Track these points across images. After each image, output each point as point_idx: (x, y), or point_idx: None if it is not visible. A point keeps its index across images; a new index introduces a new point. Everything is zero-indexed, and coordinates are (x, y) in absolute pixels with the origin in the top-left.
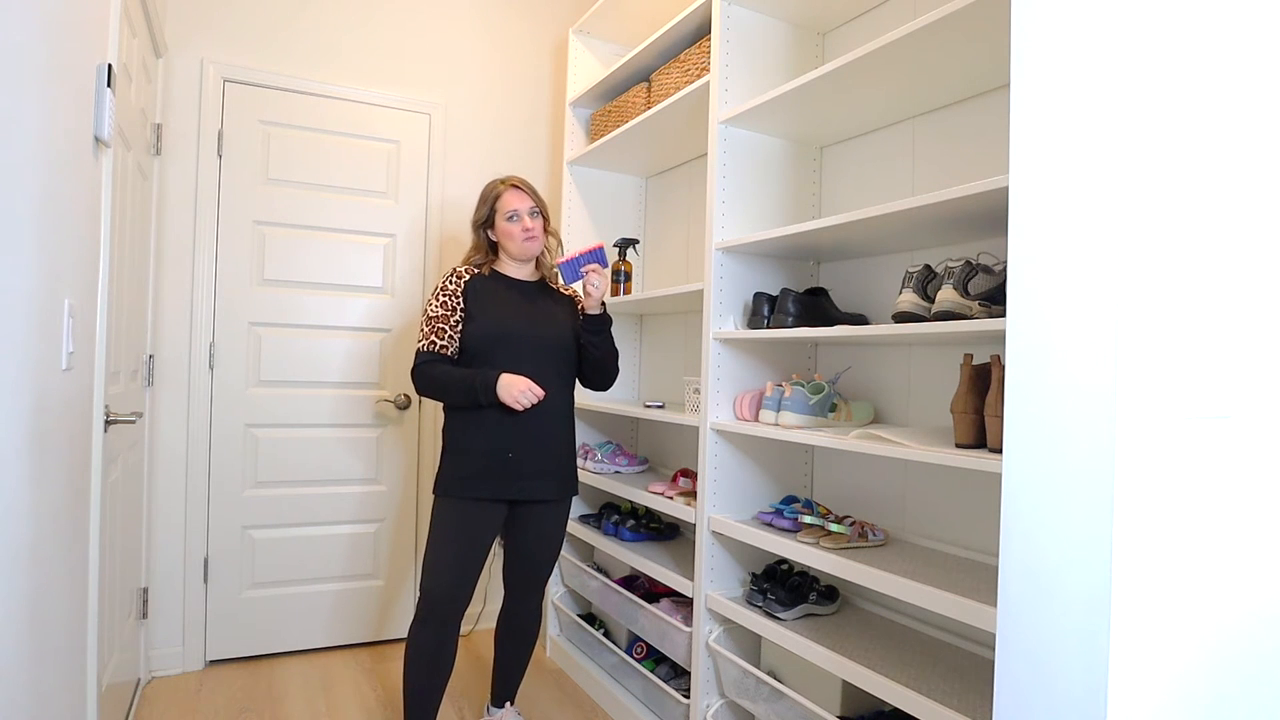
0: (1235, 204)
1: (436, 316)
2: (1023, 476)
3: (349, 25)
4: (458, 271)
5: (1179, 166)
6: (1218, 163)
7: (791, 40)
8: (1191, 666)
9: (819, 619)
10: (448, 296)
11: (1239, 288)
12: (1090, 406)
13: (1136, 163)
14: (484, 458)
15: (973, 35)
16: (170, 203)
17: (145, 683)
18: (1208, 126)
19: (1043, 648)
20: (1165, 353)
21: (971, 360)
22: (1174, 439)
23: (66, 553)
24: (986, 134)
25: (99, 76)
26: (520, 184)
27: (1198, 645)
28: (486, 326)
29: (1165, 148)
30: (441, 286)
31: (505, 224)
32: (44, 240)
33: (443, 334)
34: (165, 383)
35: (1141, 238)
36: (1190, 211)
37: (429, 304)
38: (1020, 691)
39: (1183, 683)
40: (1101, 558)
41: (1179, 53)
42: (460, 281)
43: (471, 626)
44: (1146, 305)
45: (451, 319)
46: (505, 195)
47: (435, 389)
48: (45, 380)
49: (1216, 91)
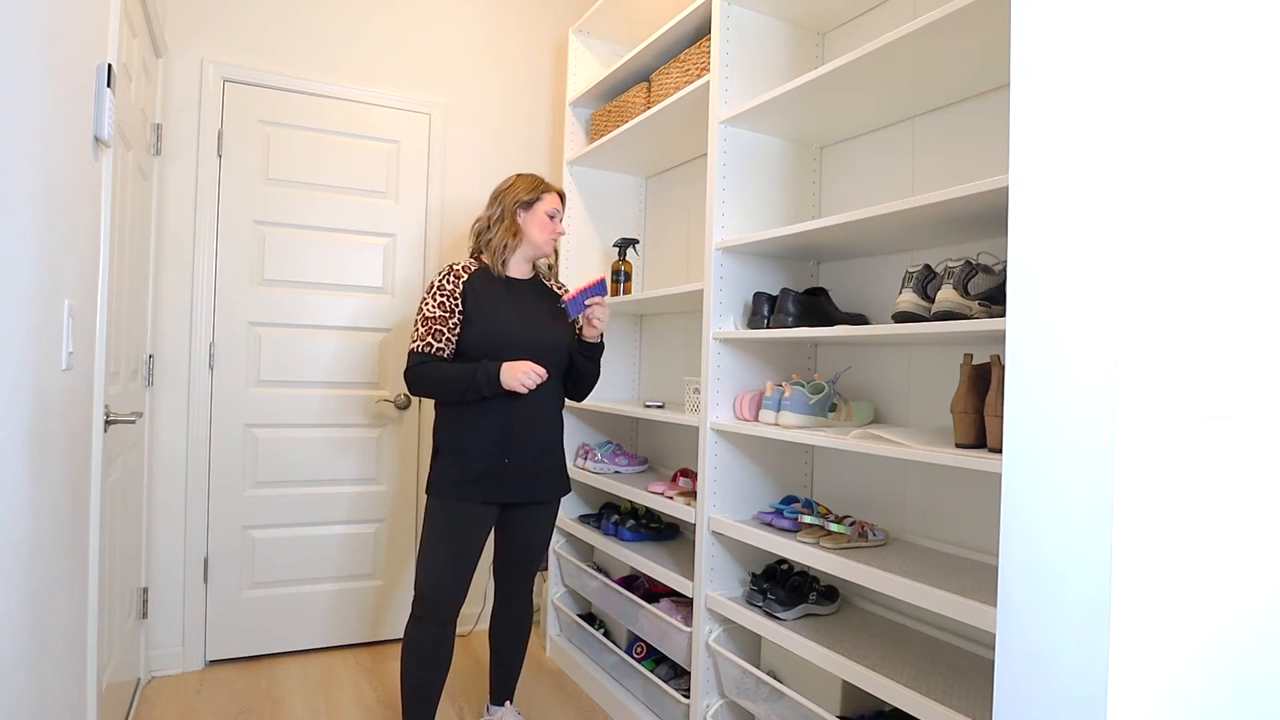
0: (1236, 204)
1: (434, 317)
2: (1023, 476)
3: (349, 25)
4: (455, 270)
5: (1180, 166)
6: (1219, 162)
7: (791, 40)
8: (1191, 667)
9: (819, 619)
10: (445, 297)
11: (1239, 287)
12: (1090, 406)
13: (1137, 162)
14: (480, 461)
15: (972, 35)
16: (170, 203)
17: (145, 683)
18: (1210, 125)
19: (1043, 647)
20: (1165, 352)
21: (971, 360)
22: (1174, 439)
23: (66, 553)
24: (986, 134)
25: (99, 76)
26: (565, 195)
27: (1198, 646)
28: (488, 331)
29: (1166, 147)
30: (439, 285)
31: (545, 217)
32: (44, 240)
33: (440, 336)
34: (165, 383)
35: (1141, 237)
36: (1190, 211)
37: (424, 303)
38: (1020, 691)
39: (1183, 683)
40: (1101, 558)
41: (1180, 52)
42: (459, 281)
43: (470, 627)
44: (1147, 305)
45: (450, 321)
46: (552, 195)
47: (433, 387)
48: (45, 380)
49: (1219, 90)
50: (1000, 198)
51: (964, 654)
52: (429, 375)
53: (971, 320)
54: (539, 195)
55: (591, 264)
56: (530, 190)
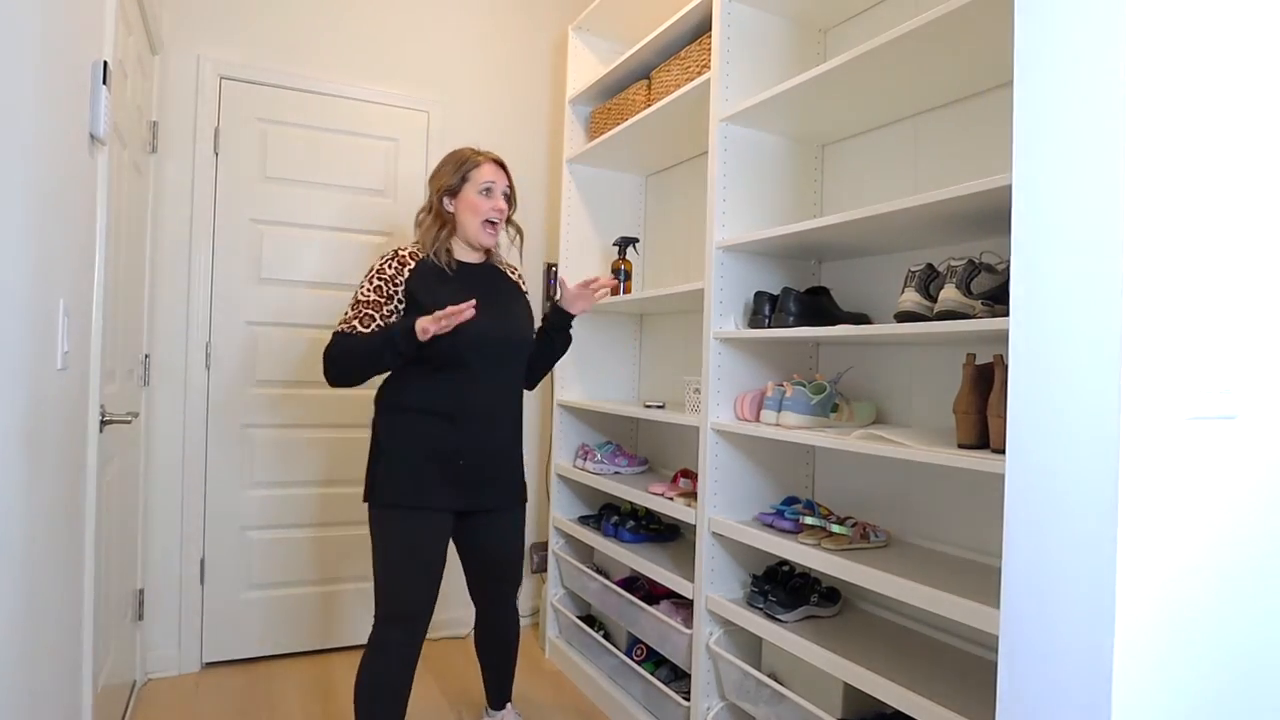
0: (1243, 202)
1: (367, 302)
2: (1026, 477)
3: (347, 23)
4: (401, 255)
5: (1185, 164)
6: (1226, 160)
7: (793, 37)
8: (1198, 672)
9: (820, 621)
10: (384, 282)
11: (1246, 287)
12: (1094, 406)
13: (1142, 160)
14: (433, 463)
15: (975, 32)
16: (166, 201)
17: (141, 685)
18: (1217, 122)
19: (1046, 650)
20: (1170, 352)
21: (974, 360)
22: (1179, 440)
23: (62, 553)
24: (989, 132)
25: (95, 73)
26: (501, 161)
27: (1203, 649)
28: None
29: (1172, 144)
30: (378, 269)
31: (475, 196)
32: (39, 239)
33: (369, 323)
34: (161, 382)
35: (1146, 236)
36: (1196, 210)
37: (361, 286)
38: (1023, 694)
39: (1187, 686)
40: (1105, 560)
41: (1185, 48)
42: (402, 268)
43: (469, 629)
44: (1151, 304)
45: (385, 308)
46: (484, 166)
47: (348, 362)
48: (40, 380)
49: (1226, 87)
50: (1003, 196)
51: (967, 656)
52: (340, 350)
53: (974, 320)
54: (465, 174)
55: (591, 263)
56: (455, 170)
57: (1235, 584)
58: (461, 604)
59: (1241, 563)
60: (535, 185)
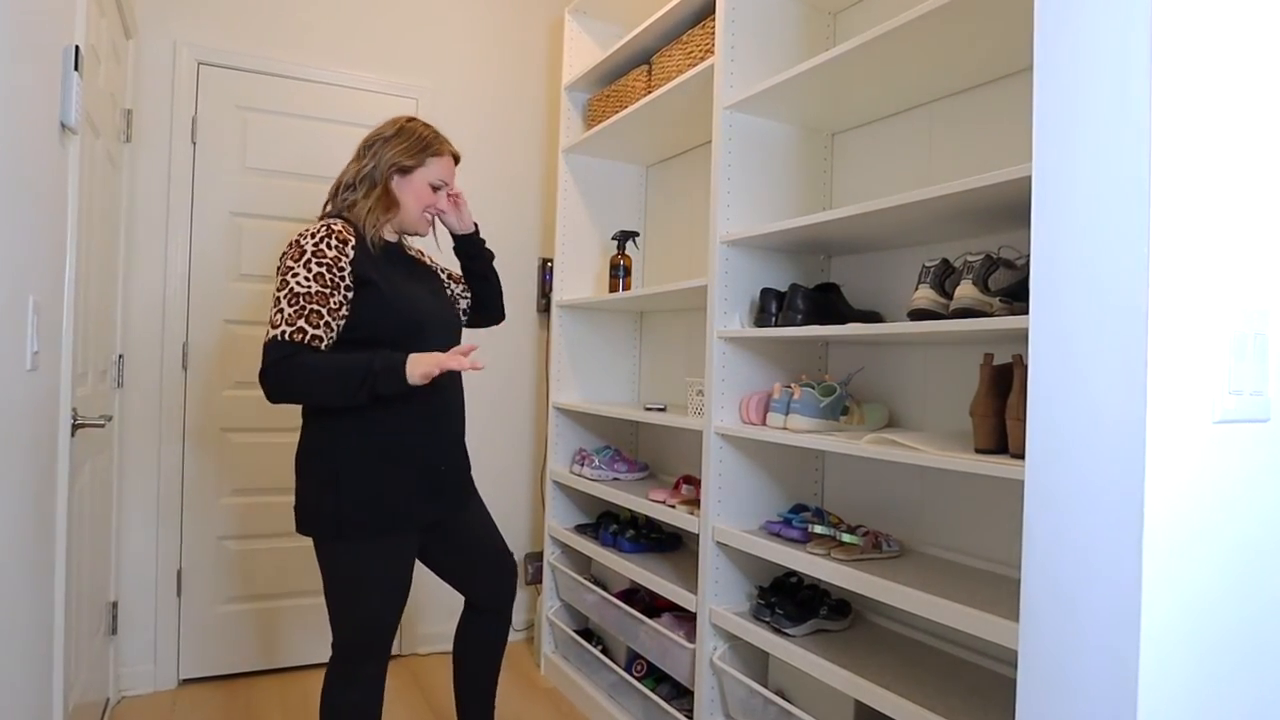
0: (1278, 193)
1: (308, 294)
2: (1046, 483)
3: (331, 5)
4: (336, 231)
5: (1216, 152)
6: (1261, 149)
7: (801, 20)
8: (1226, 690)
9: (830, 635)
10: (325, 267)
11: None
12: (1119, 409)
13: (1169, 149)
14: (412, 476)
15: (993, 14)
16: (141, 193)
17: (115, 703)
18: (1251, 108)
19: (1067, 666)
20: (1199, 352)
21: (992, 360)
22: (1208, 444)
23: (30, 564)
24: (1008, 120)
25: (65, 59)
26: (459, 157)
27: (1232, 666)
28: (402, 310)
29: (1202, 132)
30: (314, 251)
31: (425, 188)
32: (6, 233)
33: (316, 320)
34: (136, 384)
35: (1173, 229)
36: (1226, 201)
37: (291, 273)
38: (1043, 712)
39: (1215, 705)
40: (1130, 570)
41: (1217, 28)
42: (345, 246)
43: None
44: (1178, 301)
45: (333, 299)
46: (446, 159)
47: (309, 387)
48: (8, 381)
49: (1262, 69)
50: (1023, 188)
51: (984, 672)
52: (304, 370)
53: (992, 318)
54: (422, 160)
55: (589, 258)
56: (413, 152)
57: (1269, 596)
58: (447, 617)
59: (1275, 572)
60: (529, 176)
